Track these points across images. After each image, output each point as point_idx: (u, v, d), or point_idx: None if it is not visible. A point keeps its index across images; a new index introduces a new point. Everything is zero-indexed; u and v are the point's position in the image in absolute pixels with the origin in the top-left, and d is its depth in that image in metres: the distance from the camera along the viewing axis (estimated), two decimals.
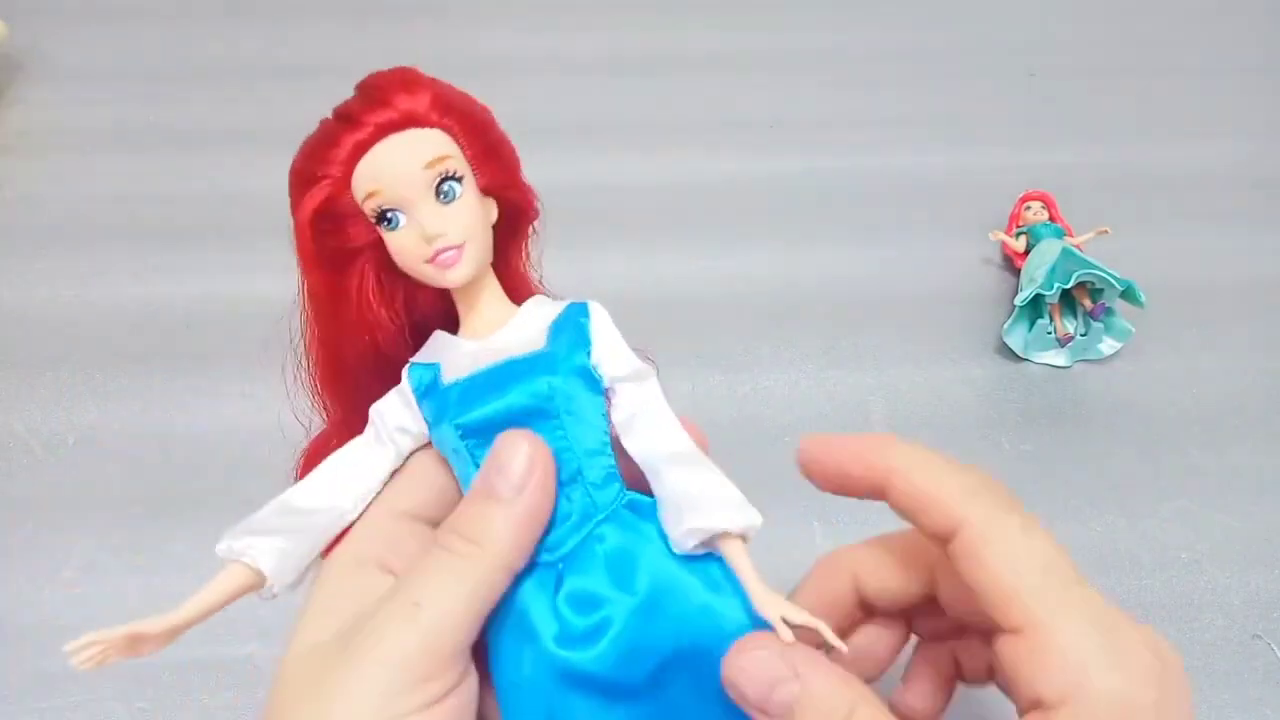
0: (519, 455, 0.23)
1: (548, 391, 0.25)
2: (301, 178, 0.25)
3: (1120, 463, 0.45)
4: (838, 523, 0.42)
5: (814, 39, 0.67)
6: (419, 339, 0.28)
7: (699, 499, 0.24)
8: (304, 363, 0.28)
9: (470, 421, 0.25)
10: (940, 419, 0.46)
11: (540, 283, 0.29)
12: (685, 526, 0.24)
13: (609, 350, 0.26)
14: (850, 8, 0.70)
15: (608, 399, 0.26)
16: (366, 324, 0.26)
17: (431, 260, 0.25)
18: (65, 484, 0.43)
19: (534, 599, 0.25)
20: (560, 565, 0.25)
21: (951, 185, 0.57)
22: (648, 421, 0.26)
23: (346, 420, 0.28)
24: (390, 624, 0.22)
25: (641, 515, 0.26)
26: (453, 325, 0.27)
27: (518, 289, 0.28)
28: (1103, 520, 0.43)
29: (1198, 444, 0.45)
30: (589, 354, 0.26)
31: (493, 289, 0.27)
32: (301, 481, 0.26)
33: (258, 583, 0.24)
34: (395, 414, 0.26)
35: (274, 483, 0.26)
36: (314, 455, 0.29)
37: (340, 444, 0.27)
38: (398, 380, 0.27)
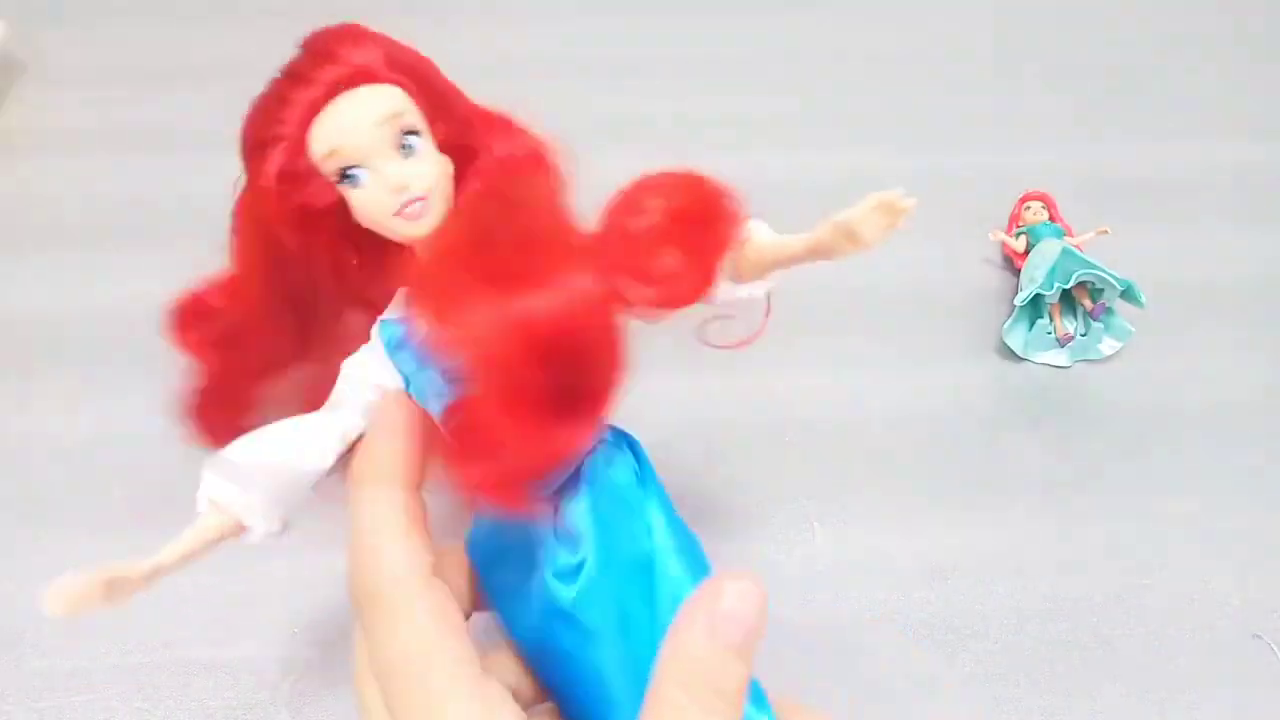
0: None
1: None
2: (256, 140, 0.26)
3: (1120, 463, 0.45)
4: (838, 523, 0.42)
5: (814, 39, 0.67)
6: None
7: None
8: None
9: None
10: (940, 419, 0.46)
11: None
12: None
13: None
14: (850, 8, 0.70)
15: None
16: (332, 280, 0.27)
17: (399, 212, 0.26)
18: (66, 484, 0.42)
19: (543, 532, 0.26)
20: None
21: (951, 185, 0.57)
22: None
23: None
24: None
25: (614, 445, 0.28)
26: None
27: None
28: (1103, 520, 0.43)
29: (1198, 444, 0.45)
30: None
31: None
32: (267, 438, 0.26)
33: (236, 531, 0.25)
34: (374, 370, 0.27)
35: None
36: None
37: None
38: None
